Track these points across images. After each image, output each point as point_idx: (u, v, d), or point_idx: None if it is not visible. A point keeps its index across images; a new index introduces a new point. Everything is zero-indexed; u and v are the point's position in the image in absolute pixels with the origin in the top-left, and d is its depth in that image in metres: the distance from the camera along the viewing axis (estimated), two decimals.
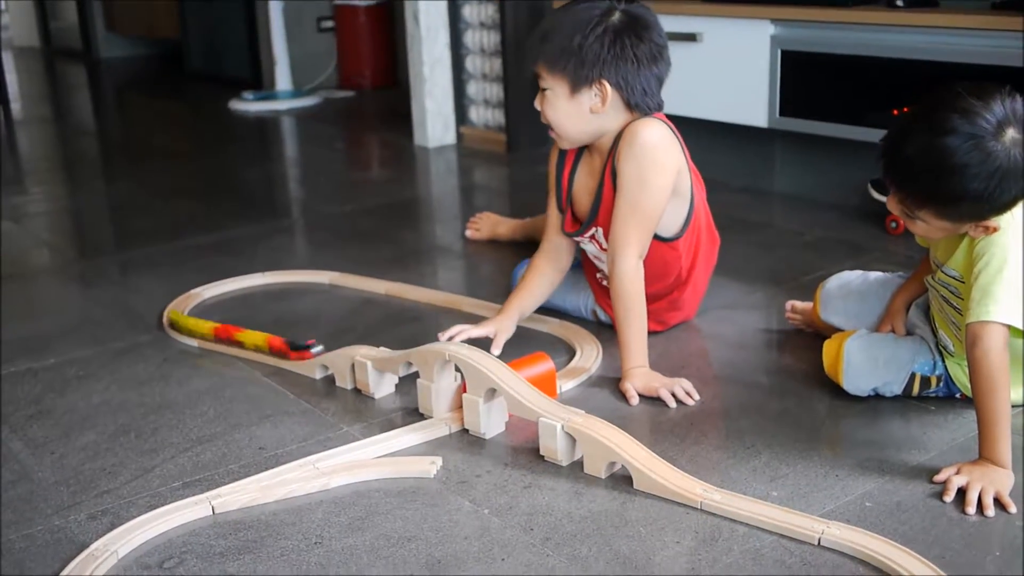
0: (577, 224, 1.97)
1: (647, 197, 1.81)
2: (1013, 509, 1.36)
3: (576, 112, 1.84)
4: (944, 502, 1.38)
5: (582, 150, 1.96)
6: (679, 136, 1.89)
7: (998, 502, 1.37)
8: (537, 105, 1.89)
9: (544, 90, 1.86)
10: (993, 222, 1.45)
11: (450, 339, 1.85)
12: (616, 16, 1.81)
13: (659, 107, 1.88)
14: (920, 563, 1.24)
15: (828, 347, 1.70)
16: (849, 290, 1.84)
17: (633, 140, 1.82)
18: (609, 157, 1.87)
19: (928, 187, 1.44)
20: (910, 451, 1.52)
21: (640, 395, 1.73)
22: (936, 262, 1.59)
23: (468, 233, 2.65)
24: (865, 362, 1.65)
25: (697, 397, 1.72)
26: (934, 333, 1.67)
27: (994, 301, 1.42)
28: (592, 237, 1.94)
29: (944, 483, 1.41)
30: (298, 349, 1.90)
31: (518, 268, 2.18)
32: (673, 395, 1.71)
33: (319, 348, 1.89)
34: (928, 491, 1.41)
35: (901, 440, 1.55)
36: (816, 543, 1.30)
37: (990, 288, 1.43)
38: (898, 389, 1.65)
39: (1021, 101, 1.40)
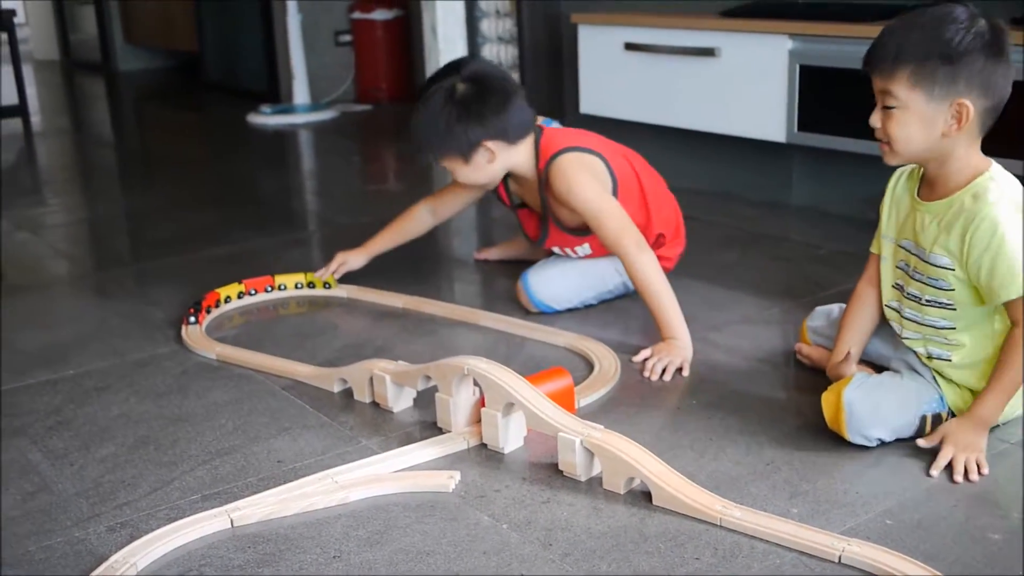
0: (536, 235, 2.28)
1: (596, 206, 2.04)
2: (985, 471, 1.48)
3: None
4: (932, 475, 1.49)
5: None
6: (587, 146, 2.14)
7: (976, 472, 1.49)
8: None
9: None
10: None
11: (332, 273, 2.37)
12: (459, 87, 2.06)
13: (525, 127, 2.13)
14: None
15: (827, 399, 1.59)
16: (832, 319, 1.86)
17: (557, 176, 2.08)
18: (547, 193, 2.14)
19: None
20: (931, 468, 1.51)
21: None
22: (919, 254, 1.58)
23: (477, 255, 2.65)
24: (868, 411, 1.55)
25: (668, 378, 1.85)
26: (919, 358, 1.65)
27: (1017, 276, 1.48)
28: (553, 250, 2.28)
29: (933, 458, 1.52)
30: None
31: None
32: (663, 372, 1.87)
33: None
34: (950, 507, 1.41)
35: (922, 456, 1.54)
36: (837, 560, 1.30)
37: (1013, 261, 1.47)
38: (909, 433, 1.58)
39: None
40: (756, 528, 1.36)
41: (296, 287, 2.39)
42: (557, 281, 2.18)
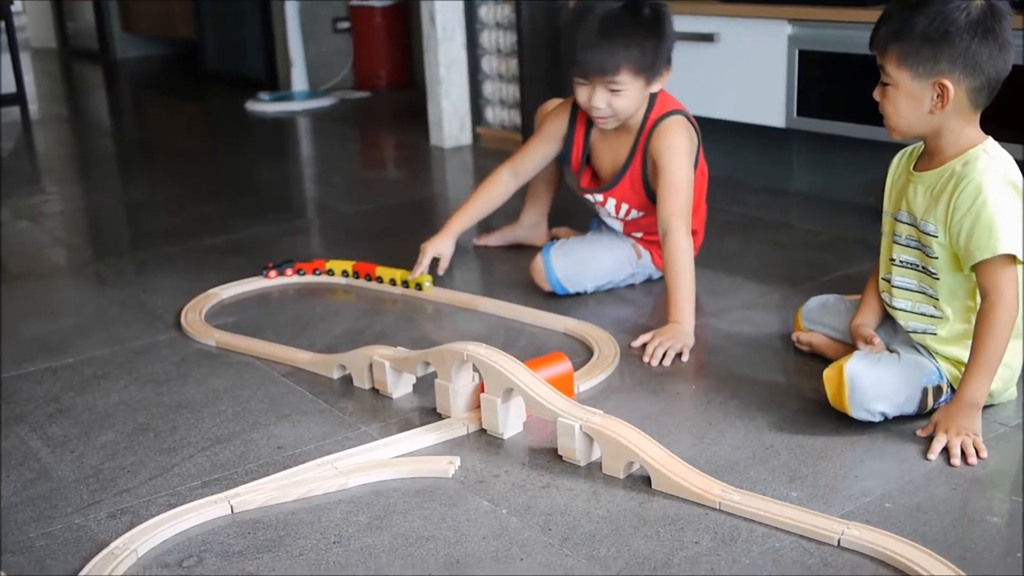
0: (594, 184, 2.26)
1: (678, 175, 2.07)
2: (984, 454, 1.48)
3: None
4: (930, 459, 1.49)
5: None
6: (694, 123, 2.18)
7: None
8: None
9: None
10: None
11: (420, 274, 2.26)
12: None
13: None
14: (940, 564, 1.23)
15: (828, 376, 1.58)
16: (827, 307, 1.87)
17: (665, 131, 2.11)
18: (640, 141, 2.14)
19: None
20: (928, 453, 1.51)
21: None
22: (912, 222, 1.60)
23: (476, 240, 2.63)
24: (871, 385, 1.55)
25: (667, 364, 1.85)
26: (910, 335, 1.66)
27: (998, 235, 1.48)
28: (602, 202, 2.24)
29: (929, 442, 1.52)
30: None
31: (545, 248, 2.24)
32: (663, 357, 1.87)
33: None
34: (949, 490, 1.41)
35: (921, 441, 1.54)
36: (836, 544, 1.30)
37: (993, 223, 1.48)
38: (912, 408, 1.58)
39: None
40: (755, 512, 1.36)
41: (391, 283, 2.31)
42: (579, 265, 2.18)
